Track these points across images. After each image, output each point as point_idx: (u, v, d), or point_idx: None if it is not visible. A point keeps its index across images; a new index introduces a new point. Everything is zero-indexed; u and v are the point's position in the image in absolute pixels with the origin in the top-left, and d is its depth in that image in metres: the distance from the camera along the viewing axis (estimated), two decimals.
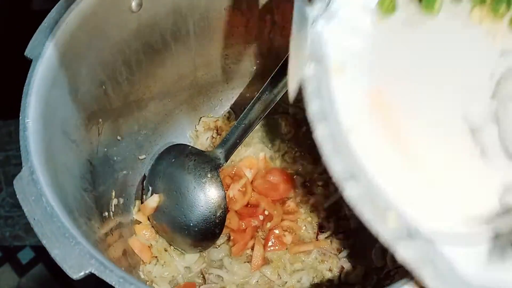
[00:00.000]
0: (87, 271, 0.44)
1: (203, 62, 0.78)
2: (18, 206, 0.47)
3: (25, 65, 0.56)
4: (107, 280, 0.43)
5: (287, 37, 0.75)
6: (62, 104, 0.57)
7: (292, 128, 0.84)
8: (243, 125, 0.73)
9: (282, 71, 0.70)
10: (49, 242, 0.45)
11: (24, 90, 0.53)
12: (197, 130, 0.84)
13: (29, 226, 1.17)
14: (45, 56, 0.55)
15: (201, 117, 0.85)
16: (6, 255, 1.10)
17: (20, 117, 0.52)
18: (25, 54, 0.56)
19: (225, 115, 0.86)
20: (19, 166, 0.49)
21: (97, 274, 0.44)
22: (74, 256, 0.44)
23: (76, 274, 0.44)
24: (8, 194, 1.13)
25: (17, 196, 0.48)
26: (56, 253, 0.45)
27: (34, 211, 0.47)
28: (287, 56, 0.68)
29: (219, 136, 0.82)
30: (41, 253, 1.11)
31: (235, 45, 0.78)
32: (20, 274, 1.09)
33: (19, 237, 1.11)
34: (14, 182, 0.48)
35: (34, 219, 0.46)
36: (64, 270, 0.44)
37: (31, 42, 0.56)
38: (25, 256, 1.11)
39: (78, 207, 0.56)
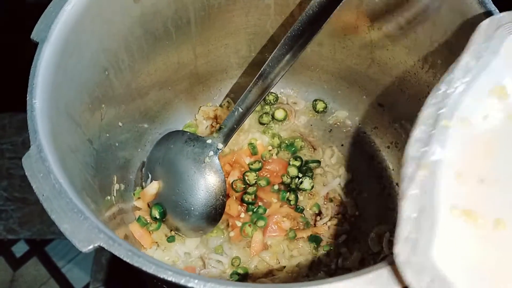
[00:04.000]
0: (96, 245, 0.45)
1: (203, 51, 0.79)
2: (12, 200, 0.48)
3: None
4: (116, 253, 0.44)
5: (286, 27, 0.78)
6: (67, 87, 0.58)
7: (290, 117, 0.85)
8: (241, 110, 0.74)
9: (279, 56, 0.71)
10: (58, 217, 0.46)
11: (31, 71, 0.54)
12: (197, 119, 0.85)
13: (23, 219, 1.16)
14: (51, 40, 0.56)
15: (200, 106, 0.86)
16: (0, 249, 1.09)
17: (28, 98, 0.53)
18: (31, 37, 0.57)
19: (224, 104, 0.87)
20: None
21: (106, 248, 0.45)
22: (83, 230, 0.45)
23: (85, 247, 0.45)
24: (2, 188, 1.12)
25: (26, 173, 0.49)
26: (65, 227, 0.46)
27: (42, 187, 0.48)
28: (284, 40, 0.70)
29: (218, 125, 0.83)
30: (35, 246, 1.11)
31: (235, 34, 0.79)
32: (15, 268, 1.09)
33: (13, 230, 1.11)
34: (23, 159, 0.49)
35: (43, 195, 0.47)
36: (74, 244, 0.45)
37: (37, 25, 0.57)
38: (19, 249, 1.10)
39: (84, 188, 0.57)
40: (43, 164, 0.48)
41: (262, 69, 0.72)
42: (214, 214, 0.73)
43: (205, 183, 0.73)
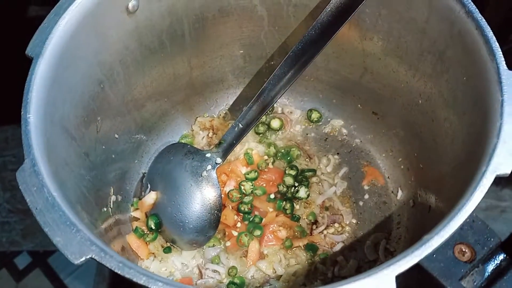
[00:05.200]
0: (87, 257, 0.46)
1: (198, 62, 0.80)
2: (15, 212, 0.49)
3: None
4: (107, 265, 0.45)
5: (280, 39, 0.79)
6: (62, 101, 0.59)
7: (286, 126, 0.86)
8: (241, 126, 0.75)
9: (281, 75, 0.72)
10: (51, 230, 0.47)
11: (25, 86, 0.55)
12: (193, 130, 0.86)
13: (26, 231, 1.17)
14: (45, 55, 0.57)
15: (197, 117, 0.87)
16: (3, 261, 1.10)
17: (22, 112, 0.53)
18: (26, 52, 0.58)
19: (220, 115, 0.87)
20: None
21: (97, 260, 0.45)
22: (75, 243, 0.46)
23: (77, 259, 0.45)
24: (5, 200, 1.13)
25: (20, 187, 0.49)
26: (58, 240, 0.46)
27: (36, 201, 0.48)
28: (286, 57, 0.70)
29: (215, 135, 0.84)
30: (38, 258, 1.12)
31: (229, 46, 0.80)
32: (17, 279, 1.10)
33: (16, 242, 1.12)
34: (17, 173, 0.50)
35: (36, 208, 0.48)
36: (66, 256, 0.45)
37: (31, 41, 0.58)
38: (22, 261, 1.11)
39: (78, 201, 0.57)
40: (37, 177, 0.49)
41: (263, 87, 0.73)
42: (208, 229, 0.73)
43: (201, 196, 0.73)
